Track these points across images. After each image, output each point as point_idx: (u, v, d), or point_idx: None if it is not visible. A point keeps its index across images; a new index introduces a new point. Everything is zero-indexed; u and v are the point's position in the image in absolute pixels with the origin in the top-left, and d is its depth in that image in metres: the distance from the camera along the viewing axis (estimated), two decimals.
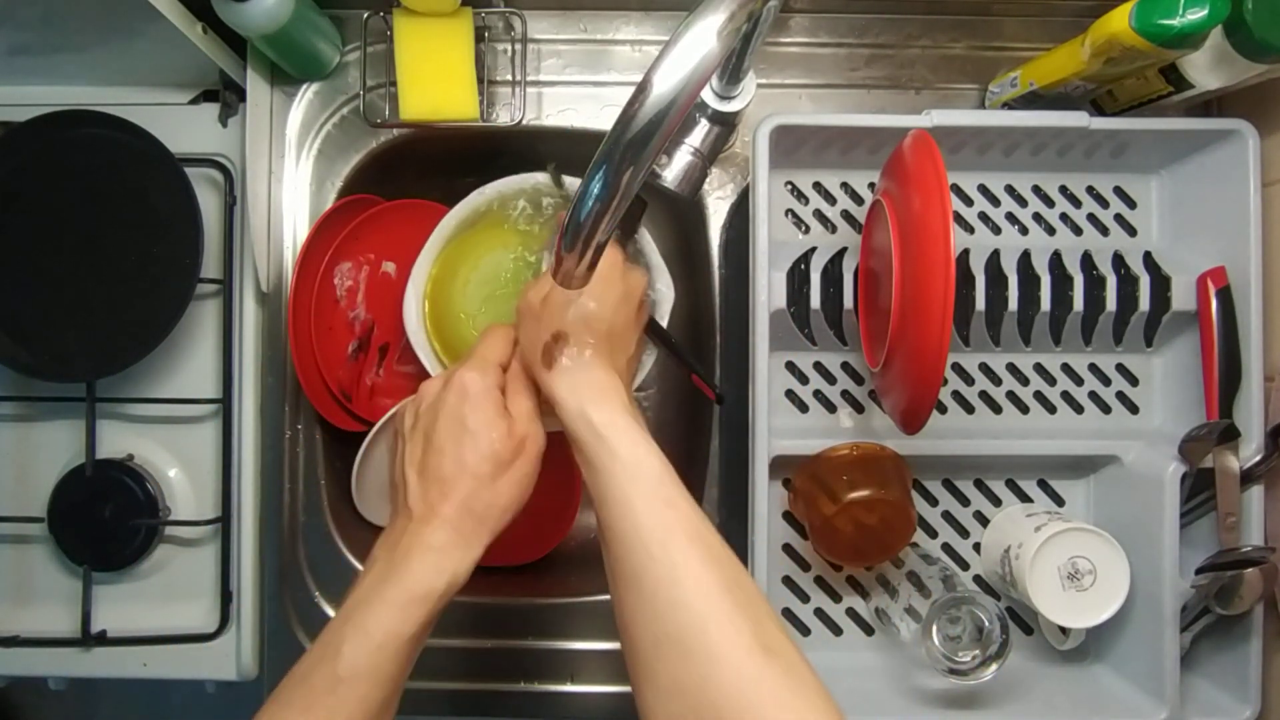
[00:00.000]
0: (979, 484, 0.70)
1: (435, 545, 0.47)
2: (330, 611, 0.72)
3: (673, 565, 0.43)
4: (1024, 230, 0.70)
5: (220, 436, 0.72)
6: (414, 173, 0.77)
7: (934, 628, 0.60)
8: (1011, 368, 0.70)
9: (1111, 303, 0.66)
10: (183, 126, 0.71)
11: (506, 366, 0.54)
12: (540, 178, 0.71)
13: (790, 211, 0.70)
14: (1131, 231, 0.70)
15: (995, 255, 0.67)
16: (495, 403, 0.51)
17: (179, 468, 0.74)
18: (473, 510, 0.48)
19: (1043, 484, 0.71)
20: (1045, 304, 0.66)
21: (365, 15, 0.70)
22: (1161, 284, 0.66)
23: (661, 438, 0.86)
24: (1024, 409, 0.70)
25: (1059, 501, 0.70)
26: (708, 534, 0.45)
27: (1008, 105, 0.69)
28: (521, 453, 0.50)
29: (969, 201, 0.70)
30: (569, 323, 0.51)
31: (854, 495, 0.61)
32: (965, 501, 0.70)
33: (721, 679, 0.40)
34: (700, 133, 0.69)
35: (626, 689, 0.71)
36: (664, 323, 0.71)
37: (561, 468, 0.79)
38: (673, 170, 0.69)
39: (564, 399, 0.50)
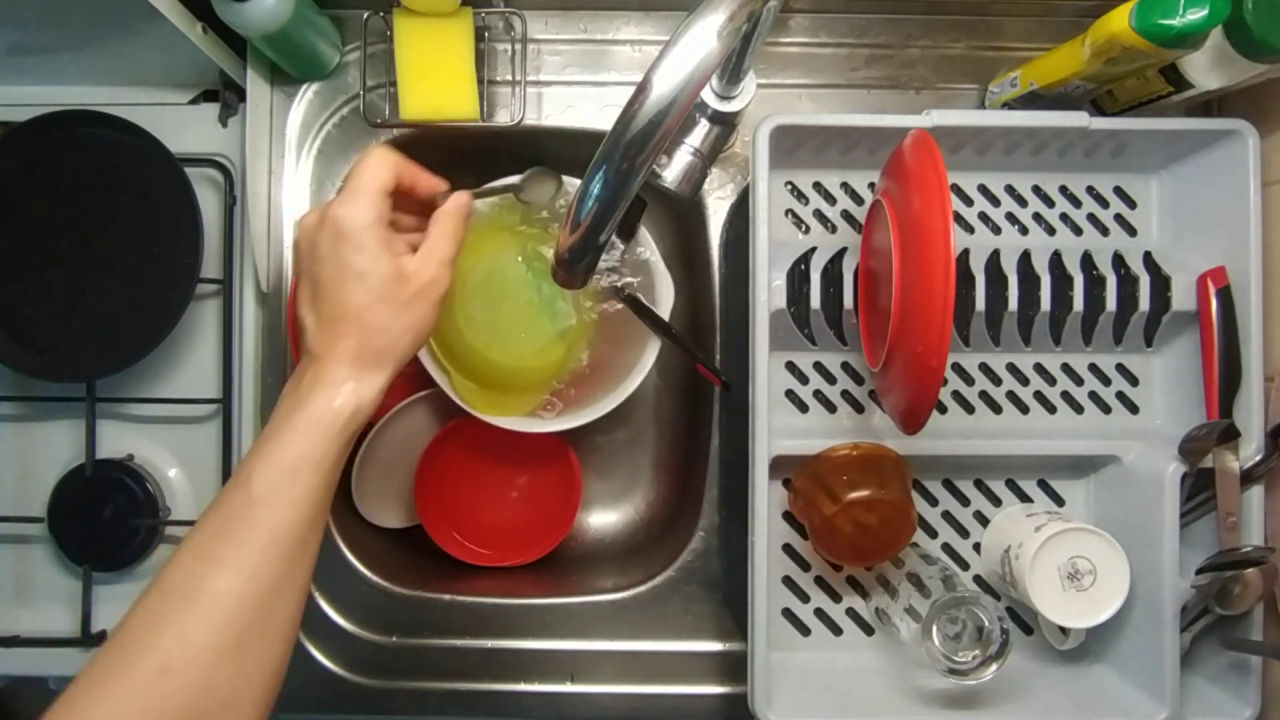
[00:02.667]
0: (979, 484, 0.70)
1: (337, 380, 0.48)
2: (330, 612, 0.72)
3: None
4: (1024, 230, 0.70)
5: (220, 436, 0.72)
6: None
7: (934, 628, 0.60)
8: (1011, 368, 0.70)
9: (1111, 303, 0.66)
10: (183, 126, 0.72)
11: (398, 190, 0.52)
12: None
13: (790, 211, 0.70)
14: (1131, 231, 0.70)
15: (995, 255, 0.67)
16: (378, 240, 0.48)
17: (179, 468, 0.74)
18: (369, 348, 0.48)
19: (1043, 484, 0.70)
20: (1045, 304, 0.66)
21: (365, 15, 0.71)
22: (1161, 284, 0.66)
23: (661, 437, 0.87)
24: (1024, 409, 0.70)
25: (1059, 501, 0.70)
26: None
27: (1008, 105, 0.69)
28: (419, 296, 0.49)
29: (969, 201, 0.70)
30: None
31: (854, 495, 0.61)
32: (965, 501, 0.70)
33: None
34: (700, 133, 0.69)
35: (627, 689, 0.71)
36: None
37: (561, 468, 0.79)
38: (673, 170, 0.69)
39: None
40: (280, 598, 0.44)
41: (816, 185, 0.70)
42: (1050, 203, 0.70)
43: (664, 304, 0.71)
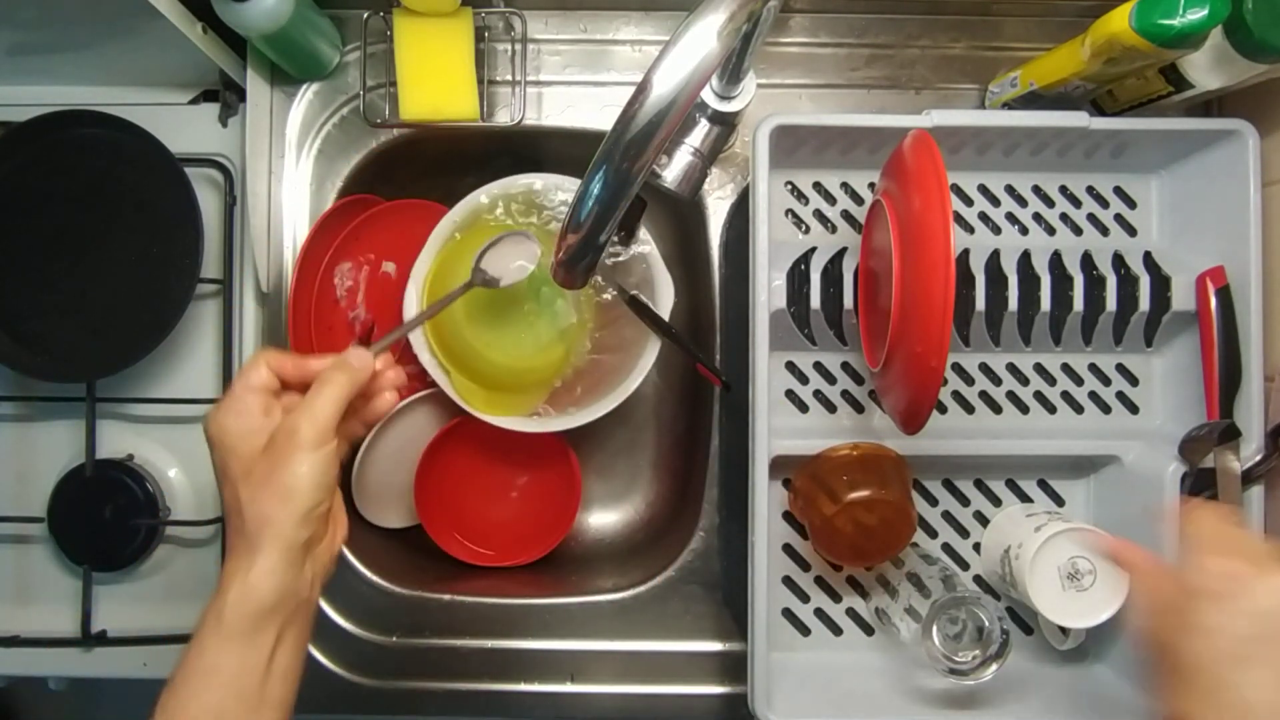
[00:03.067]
0: (979, 484, 0.70)
1: (223, 577, 0.46)
2: (331, 612, 0.72)
3: None
4: (1024, 230, 0.70)
5: None
6: (414, 173, 0.77)
7: (934, 628, 0.60)
8: (1011, 368, 0.70)
9: (1111, 303, 0.66)
10: (183, 126, 0.72)
11: (292, 383, 0.51)
12: (539, 177, 0.71)
13: (790, 211, 0.70)
14: (1131, 231, 0.70)
15: (995, 255, 0.67)
16: (235, 432, 0.47)
17: (179, 468, 0.74)
18: (242, 532, 0.46)
19: (1043, 484, 0.70)
20: (1045, 304, 0.66)
21: (365, 15, 0.71)
22: (1161, 284, 0.66)
23: (661, 437, 0.87)
24: (1024, 409, 0.70)
25: (1059, 501, 0.70)
26: None
27: (1008, 105, 0.69)
28: (277, 458, 0.46)
29: (969, 201, 0.70)
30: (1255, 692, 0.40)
31: (854, 495, 0.61)
32: (965, 501, 0.70)
33: None
34: (700, 133, 0.69)
35: (626, 689, 0.71)
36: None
37: (561, 468, 0.79)
38: (673, 170, 0.69)
39: None
40: None
41: (816, 185, 0.70)
42: (1050, 203, 0.70)
43: (664, 304, 0.71)
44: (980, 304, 0.66)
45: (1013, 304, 0.66)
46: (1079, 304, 0.66)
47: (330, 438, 0.47)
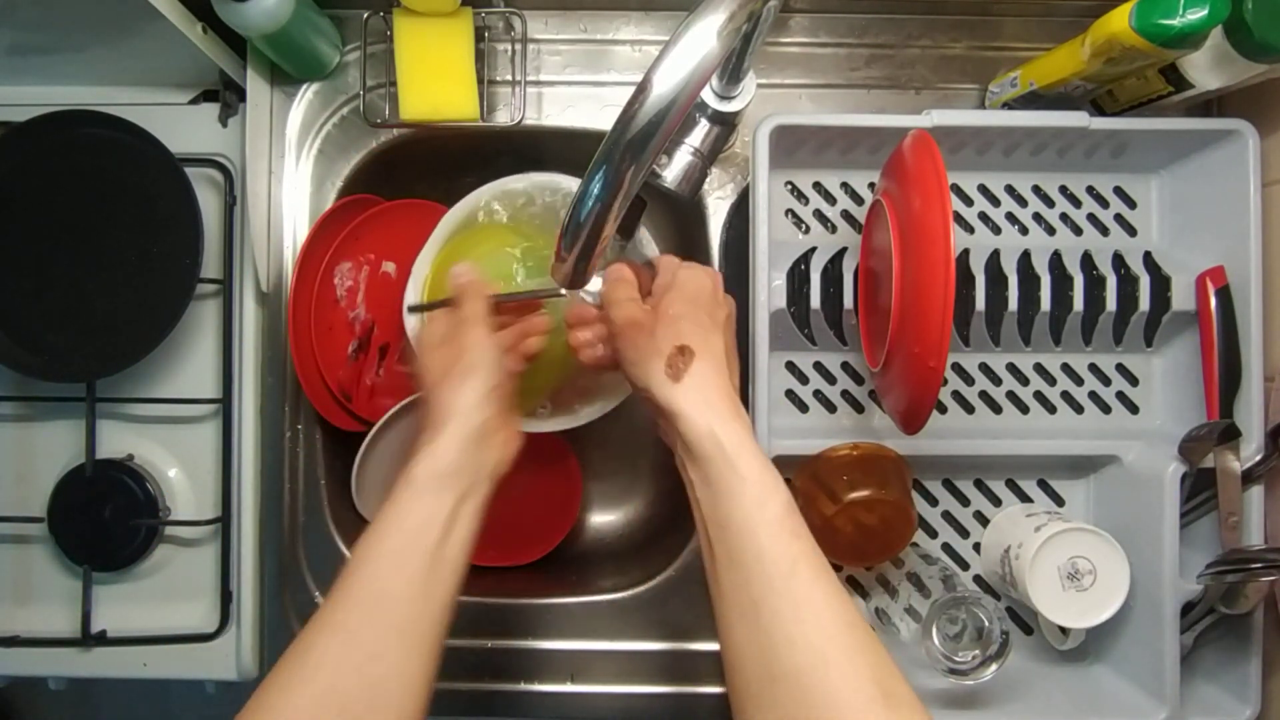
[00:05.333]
0: (979, 484, 0.70)
1: (415, 448, 0.51)
2: None
3: (795, 600, 0.41)
4: (1024, 230, 0.70)
5: (220, 436, 0.72)
6: (414, 173, 0.77)
7: (934, 628, 0.60)
8: (1011, 368, 0.70)
9: (1111, 303, 0.66)
10: (183, 126, 0.71)
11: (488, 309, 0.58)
12: (539, 177, 0.71)
13: (790, 211, 0.70)
14: (1131, 231, 0.70)
15: (995, 255, 0.67)
16: (427, 337, 0.58)
17: (179, 468, 0.74)
18: (431, 418, 0.52)
19: (1043, 484, 0.71)
20: (1045, 304, 0.66)
21: (365, 15, 0.71)
22: (1161, 284, 0.66)
23: (659, 438, 0.86)
24: (1024, 409, 0.70)
25: (1059, 501, 0.70)
26: (829, 571, 0.43)
27: (1008, 105, 0.69)
28: (456, 347, 0.54)
29: (969, 201, 0.70)
30: (688, 336, 0.49)
31: (854, 495, 0.61)
32: (965, 501, 0.70)
33: None
34: (700, 133, 0.69)
35: (626, 689, 0.71)
36: None
37: (561, 468, 0.79)
38: (673, 170, 0.69)
39: (693, 415, 0.46)
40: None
41: (816, 185, 0.70)
42: (1050, 203, 0.70)
43: None
44: (980, 304, 0.66)
45: (1013, 304, 0.66)
46: (1079, 304, 0.66)
47: (487, 319, 0.56)
